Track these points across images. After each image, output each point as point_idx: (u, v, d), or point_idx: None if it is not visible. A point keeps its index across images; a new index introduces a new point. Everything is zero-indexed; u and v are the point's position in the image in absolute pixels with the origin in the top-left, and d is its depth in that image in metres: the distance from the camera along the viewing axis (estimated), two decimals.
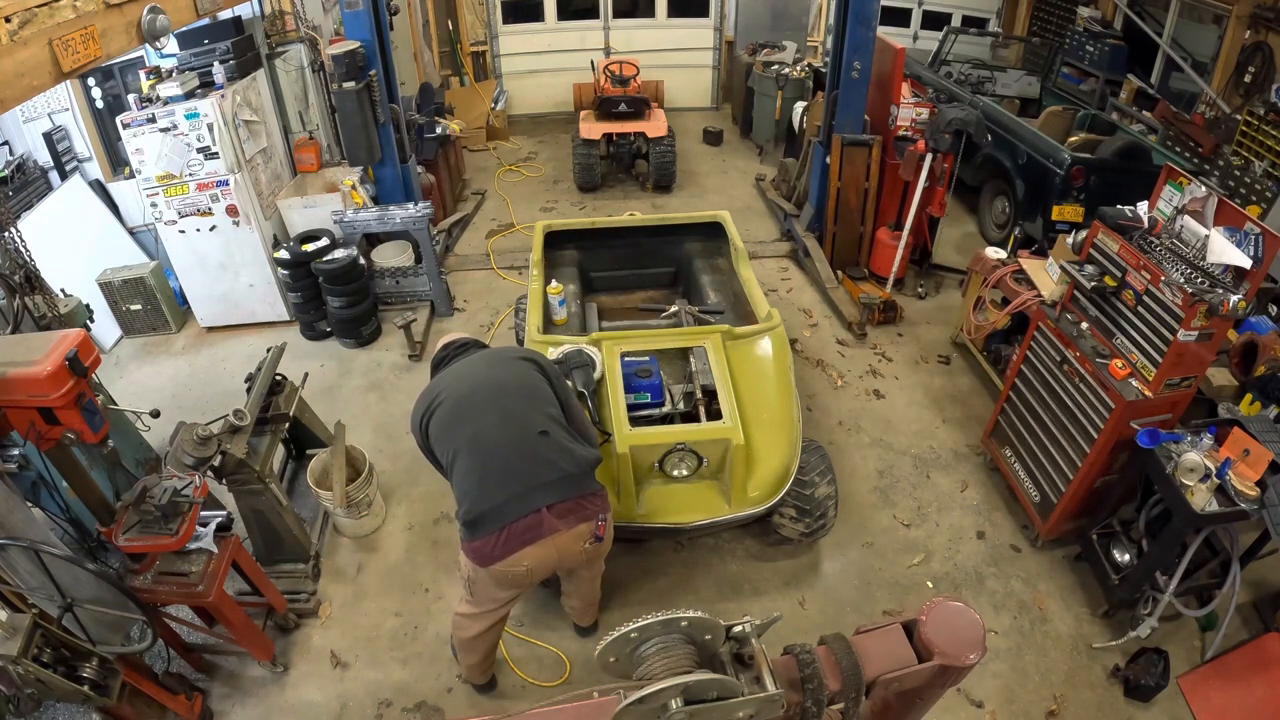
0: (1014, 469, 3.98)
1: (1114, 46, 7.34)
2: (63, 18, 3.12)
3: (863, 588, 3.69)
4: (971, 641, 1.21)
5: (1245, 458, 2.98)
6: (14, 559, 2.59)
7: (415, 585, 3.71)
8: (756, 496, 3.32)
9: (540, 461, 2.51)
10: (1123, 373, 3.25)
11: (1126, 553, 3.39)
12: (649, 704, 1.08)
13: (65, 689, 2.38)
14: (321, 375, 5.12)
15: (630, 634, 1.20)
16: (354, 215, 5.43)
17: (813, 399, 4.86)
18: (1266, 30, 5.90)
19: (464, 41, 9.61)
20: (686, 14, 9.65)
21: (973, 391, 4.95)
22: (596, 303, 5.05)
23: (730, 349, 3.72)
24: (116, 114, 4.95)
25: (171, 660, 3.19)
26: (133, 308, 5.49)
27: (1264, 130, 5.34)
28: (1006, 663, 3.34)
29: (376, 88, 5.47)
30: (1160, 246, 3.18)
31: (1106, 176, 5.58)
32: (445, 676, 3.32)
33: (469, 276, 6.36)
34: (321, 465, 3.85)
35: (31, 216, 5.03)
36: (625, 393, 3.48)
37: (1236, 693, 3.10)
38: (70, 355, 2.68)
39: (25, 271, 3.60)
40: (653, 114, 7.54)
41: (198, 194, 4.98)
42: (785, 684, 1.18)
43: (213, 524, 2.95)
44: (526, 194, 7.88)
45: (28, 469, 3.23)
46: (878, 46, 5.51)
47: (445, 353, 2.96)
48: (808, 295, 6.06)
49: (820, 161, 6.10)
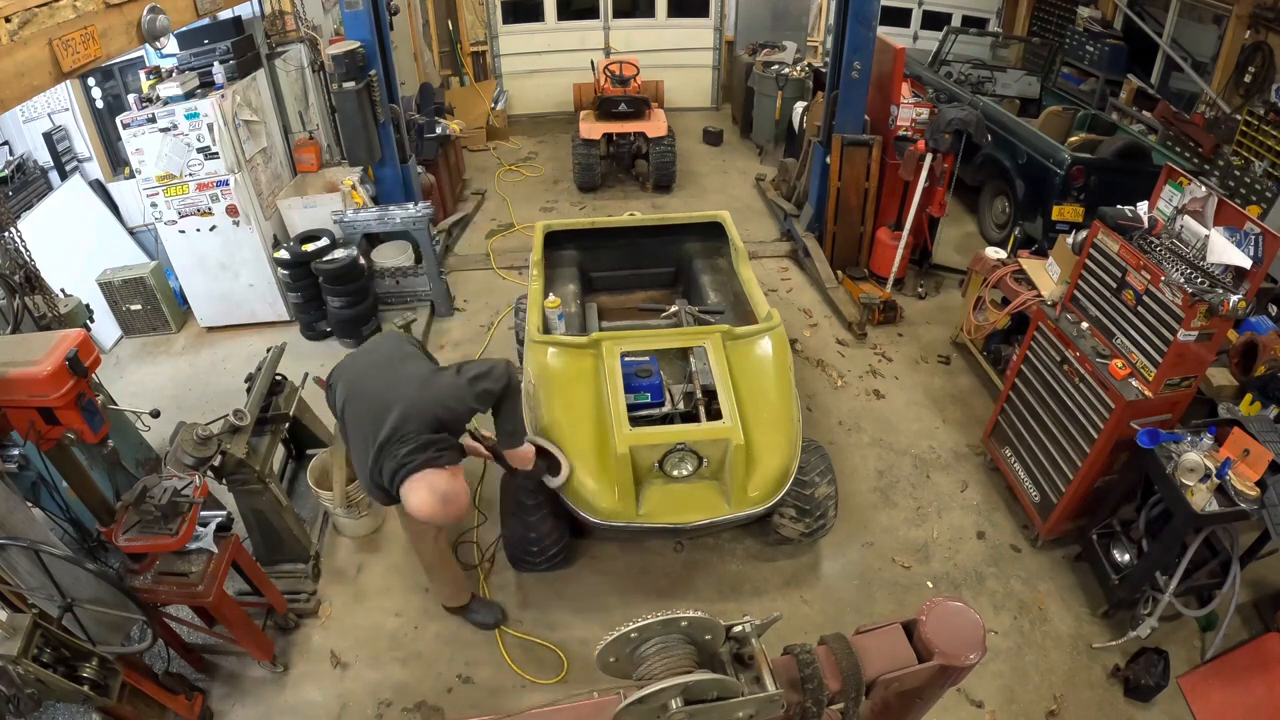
0: (1014, 469, 3.98)
1: (1114, 46, 7.34)
2: (63, 18, 3.12)
3: (863, 588, 3.69)
4: (971, 641, 1.21)
5: (1245, 458, 2.98)
6: (14, 559, 2.59)
7: (415, 585, 3.71)
8: (756, 496, 3.32)
9: (390, 397, 2.61)
10: (1123, 373, 3.25)
11: (1126, 553, 3.39)
12: (649, 704, 1.08)
13: (65, 689, 2.38)
14: (321, 375, 5.11)
15: (630, 634, 1.20)
16: (354, 215, 5.43)
17: (813, 399, 4.86)
18: (1266, 30, 5.90)
19: (464, 41, 9.62)
20: (686, 14, 9.65)
21: (973, 391, 4.95)
22: (596, 303, 5.05)
23: (730, 349, 3.72)
24: (116, 114, 4.95)
25: (171, 660, 3.19)
26: (133, 308, 5.49)
27: (1264, 130, 5.34)
28: (1006, 663, 3.34)
29: (376, 88, 5.47)
30: (1160, 246, 3.18)
31: (1106, 176, 5.58)
32: (445, 676, 3.32)
33: (469, 276, 6.36)
34: (321, 465, 3.85)
35: (31, 216, 5.03)
36: (625, 393, 3.47)
37: (1236, 693, 3.10)
38: (70, 355, 2.67)
39: (25, 271, 3.60)
40: (653, 114, 7.54)
41: (198, 194, 4.98)
42: (785, 684, 1.18)
43: (213, 524, 2.94)
44: (526, 194, 7.88)
45: (28, 469, 3.23)
46: (878, 46, 5.51)
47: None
48: (808, 295, 6.06)
49: (820, 161, 6.10)
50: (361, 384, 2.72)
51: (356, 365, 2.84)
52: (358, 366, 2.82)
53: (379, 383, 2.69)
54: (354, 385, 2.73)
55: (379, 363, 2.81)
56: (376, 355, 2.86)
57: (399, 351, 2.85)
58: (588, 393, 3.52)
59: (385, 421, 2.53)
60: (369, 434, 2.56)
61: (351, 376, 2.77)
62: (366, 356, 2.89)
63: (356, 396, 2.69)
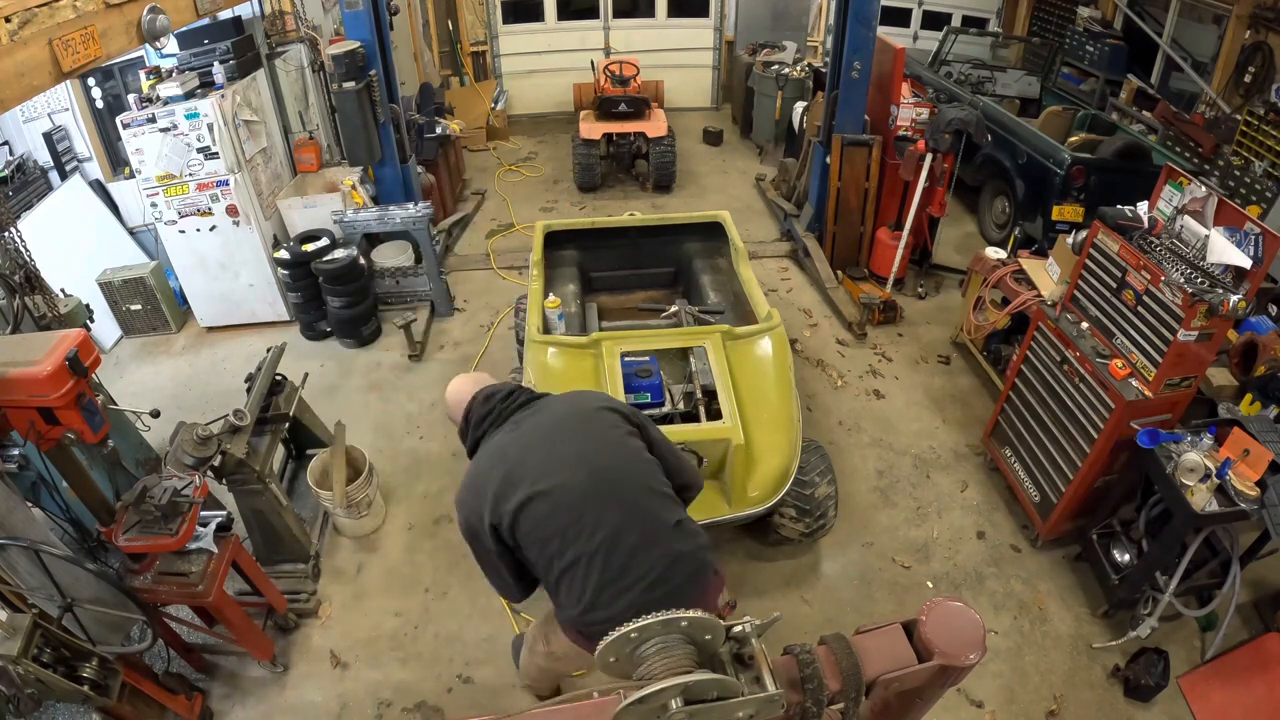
0: (1014, 469, 3.98)
1: (1114, 46, 7.34)
2: (63, 18, 3.11)
3: (863, 588, 3.69)
4: (971, 641, 1.21)
5: (1245, 458, 2.98)
6: (14, 559, 2.59)
7: (415, 585, 3.71)
8: (756, 496, 3.32)
9: (675, 559, 2.01)
10: (1123, 373, 3.24)
11: (1126, 553, 3.39)
12: (649, 704, 1.08)
13: (65, 689, 2.38)
14: (321, 375, 5.12)
15: (630, 634, 1.20)
16: (354, 215, 5.43)
17: (813, 399, 4.86)
18: (1266, 30, 5.90)
19: (464, 41, 9.61)
20: (686, 14, 9.65)
21: (973, 391, 4.95)
22: (596, 303, 5.05)
23: (730, 349, 3.72)
24: (116, 114, 4.95)
25: (171, 660, 3.19)
26: (133, 308, 5.49)
27: (1264, 130, 5.34)
28: (1006, 663, 3.34)
29: (376, 88, 5.47)
30: (1160, 246, 3.18)
31: (1106, 176, 5.58)
32: (445, 676, 3.32)
33: (469, 276, 6.36)
34: (321, 465, 3.84)
35: (31, 216, 5.03)
36: (625, 393, 3.47)
37: (1236, 693, 3.10)
38: (70, 355, 2.67)
39: (25, 271, 3.60)
40: (653, 114, 7.54)
41: (198, 194, 4.98)
42: (785, 684, 1.18)
43: (213, 524, 2.94)
44: (526, 194, 7.88)
45: (28, 469, 3.23)
46: (878, 46, 5.51)
47: (490, 409, 2.23)
48: (808, 295, 6.06)
49: (820, 161, 6.10)
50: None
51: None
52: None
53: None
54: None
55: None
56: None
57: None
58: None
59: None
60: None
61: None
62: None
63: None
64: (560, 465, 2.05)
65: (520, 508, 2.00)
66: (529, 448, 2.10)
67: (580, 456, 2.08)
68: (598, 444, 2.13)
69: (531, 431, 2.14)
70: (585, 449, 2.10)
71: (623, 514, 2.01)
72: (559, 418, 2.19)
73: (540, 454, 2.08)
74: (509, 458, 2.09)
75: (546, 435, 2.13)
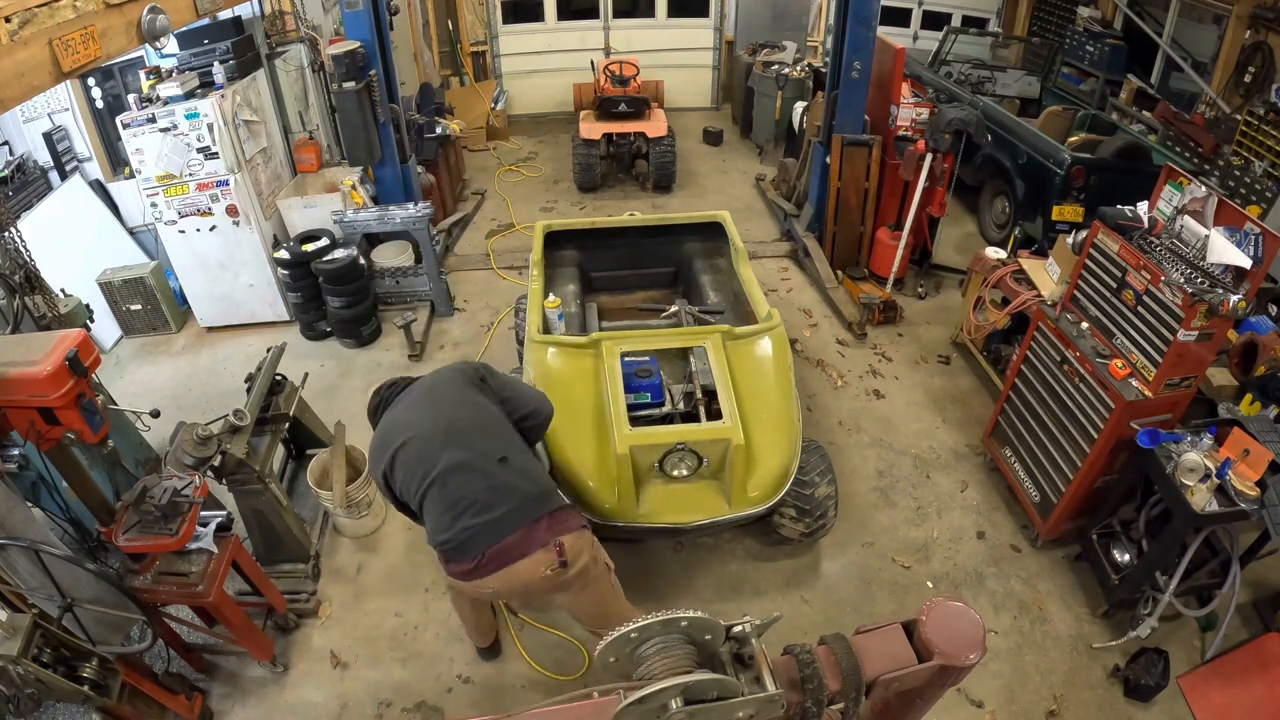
0: (1014, 469, 3.98)
1: (1114, 46, 7.34)
2: (63, 18, 3.11)
3: (863, 588, 3.69)
4: (971, 641, 1.21)
5: (1245, 458, 2.98)
6: (14, 559, 2.59)
7: (415, 585, 3.71)
8: (756, 496, 3.32)
9: (498, 489, 2.50)
10: (1123, 373, 3.25)
11: (1126, 553, 3.39)
12: (649, 704, 1.07)
13: (65, 689, 2.38)
14: (321, 375, 5.12)
15: (630, 634, 1.20)
16: (354, 215, 5.43)
17: (813, 399, 4.86)
18: (1266, 30, 5.90)
19: (464, 41, 9.62)
20: (686, 14, 9.65)
21: (973, 391, 4.95)
22: (596, 303, 5.05)
23: (730, 349, 3.72)
24: (116, 114, 4.95)
25: (171, 660, 3.19)
26: (133, 308, 5.49)
27: (1264, 130, 5.34)
28: (1006, 663, 3.34)
29: (376, 88, 5.47)
30: (1160, 246, 3.18)
31: (1106, 176, 5.58)
32: (445, 676, 3.32)
33: (469, 276, 6.36)
34: (321, 465, 3.84)
35: (31, 216, 5.03)
36: (625, 393, 3.48)
37: (1236, 693, 3.10)
38: (70, 355, 2.67)
39: (25, 271, 3.60)
40: (653, 114, 7.54)
41: (198, 194, 4.98)
42: (785, 684, 1.18)
43: (213, 524, 2.95)
44: (526, 194, 7.88)
45: (28, 469, 3.24)
46: (878, 46, 5.51)
47: (379, 398, 2.96)
48: (808, 295, 6.06)
49: (820, 161, 6.10)
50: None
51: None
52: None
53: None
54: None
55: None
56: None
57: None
58: (588, 393, 3.52)
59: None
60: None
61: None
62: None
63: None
64: (415, 420, 2.67)
65: (393, 458, 2.61)
66: (398, 416, 2.76)
67: (431, 411, 2.68)
68: (446, 399, 2.72)
69: (402, 403, 2.82)
70: (437, 405, 2.70)
71: (457, 450, 2.53)
72: (421, 388, 2.83)
73: (404, 417, 2.72)
74: (388, 425, 2.75)
75: (410, 403, 2.78)
